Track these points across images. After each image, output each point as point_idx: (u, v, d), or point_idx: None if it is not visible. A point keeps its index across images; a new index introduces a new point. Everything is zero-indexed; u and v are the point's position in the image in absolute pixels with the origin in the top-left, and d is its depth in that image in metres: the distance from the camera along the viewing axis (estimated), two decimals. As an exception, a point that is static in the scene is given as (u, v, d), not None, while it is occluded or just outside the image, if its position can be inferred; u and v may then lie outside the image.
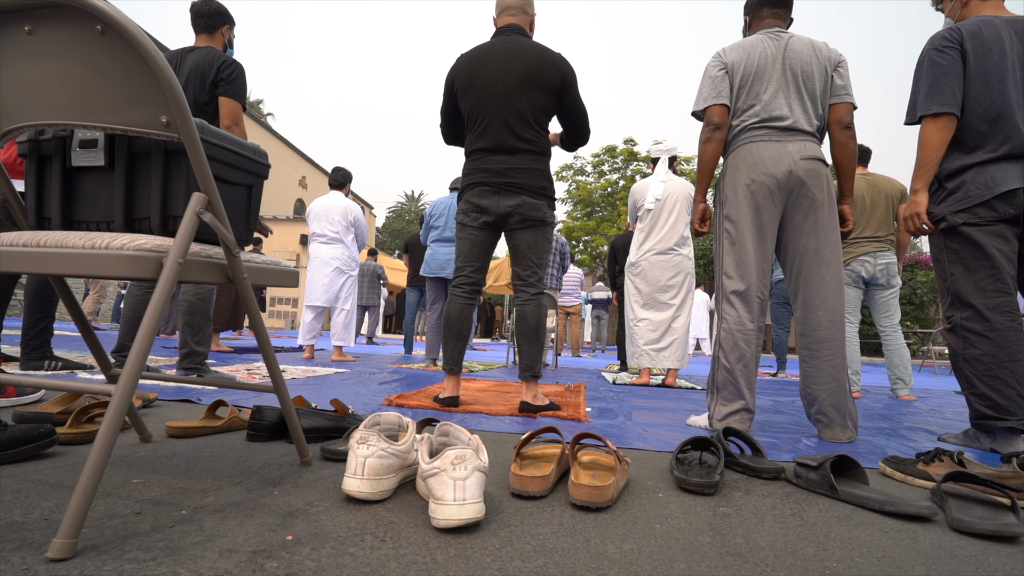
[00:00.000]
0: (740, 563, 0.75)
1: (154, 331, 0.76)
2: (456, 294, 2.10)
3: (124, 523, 0.76)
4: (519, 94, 1.97)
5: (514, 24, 2.10)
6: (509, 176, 1.98)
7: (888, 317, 3.24)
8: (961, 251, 1.71)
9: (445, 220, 3.96)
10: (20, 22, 0.77)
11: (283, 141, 20.40)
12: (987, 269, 1.67)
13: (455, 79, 2.06)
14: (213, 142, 0.95)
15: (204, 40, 2.36)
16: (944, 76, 1.68)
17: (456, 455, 0.82)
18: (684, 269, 3.35)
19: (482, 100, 2.00)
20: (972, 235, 1.68)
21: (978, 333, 1.67)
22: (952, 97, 1.67)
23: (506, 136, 1.99)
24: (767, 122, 1.80)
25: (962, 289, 1.71)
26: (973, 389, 1.68)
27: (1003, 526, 0.88)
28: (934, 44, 1.73)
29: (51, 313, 2.50)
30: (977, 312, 1.68)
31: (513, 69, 1.98)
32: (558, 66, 2.00)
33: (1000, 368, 1.63)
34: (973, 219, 1.67)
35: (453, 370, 2.08)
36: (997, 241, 1.66)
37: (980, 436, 1.70)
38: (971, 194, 1.66)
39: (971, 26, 1.69)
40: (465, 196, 2.06)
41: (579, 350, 7.92)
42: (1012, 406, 1.61)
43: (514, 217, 2.01)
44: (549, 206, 2.06)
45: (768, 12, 1.93)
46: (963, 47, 1.68)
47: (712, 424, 1.84)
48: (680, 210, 3.35)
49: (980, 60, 1.66)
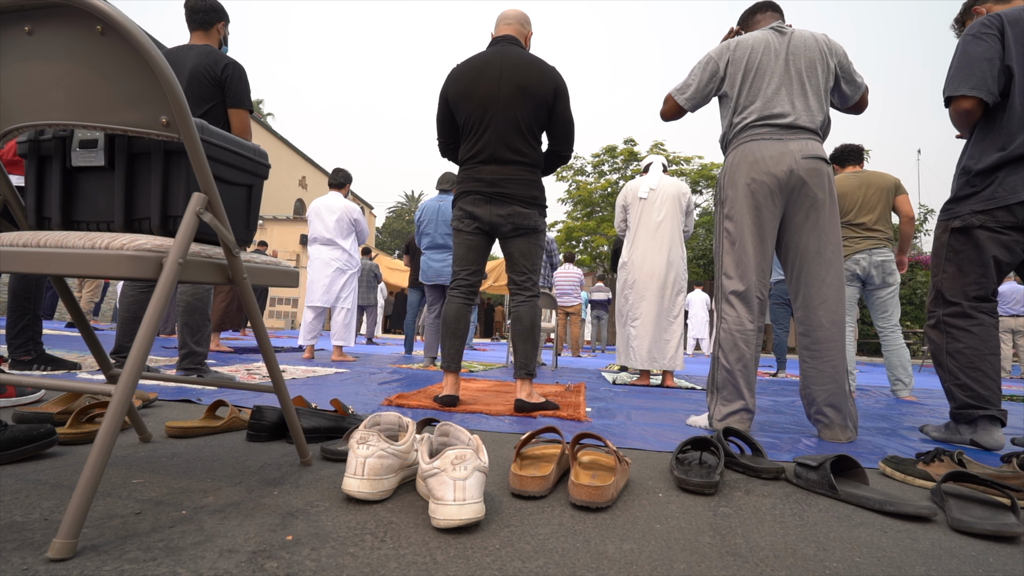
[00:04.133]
0: (740, 563, 0.75)
1: (154, 331, 0.76)
2: (453, 295, 2.13)
3: (124, 523, 0.76)
4: (514, 104, 1.99)
5: (510, 35, 2.12)
6: (501, 186, 2.01)
7: (886, 317, 3.22)
8: (961, 252, 1.73)
9: (435, 225, 3.98)
10: (20, 22, 0.77)
11: (283, 141, 20.40)
12: (977, 276, 1.70)
13: (450, 89, 2.08)
14: (213, 142, 0.95)
15: (200, 37, 2.35)
16: (976, 61, 1.66)
17: (456, 455, 0.82)
18: (675, 268, 3.34)
19: (477, 110, 2.02)
20: (980, 239, 1.68)
21: (961, 328, 1.73)
22: (981, 81, 1.65)
23: (499, 146, 2.01)
24: (768, 120, 1.80)
25: (948, 288, 1.76)
26: (956, 381, 1.73)
27: (1003, 526, 0.88)
28: (971, 30, 1.70)
29: (32, 311, 2.47)
30: (961, 309, 1.73)
31: (508, 79, 2.00)
32: (552, 78, 2.03)
33: (981, 360, 1.69)
34: (990, 222, 1.67)
35: (451, 368, 2.09)
36: (1000, 250, 1.67)
37: (961, 427, 1.76)
38: (997, 196, 1.65)
39: (1012, 13, 1.67)
40: (459, 203, 2.10)
41: (579, 350, 7.91)
42: (992, 396, 1.69)
43: (506, 226, 2.04)
44: (540, 214, 2.10)
45: (761, 18, 1.96)
46: (1003, 33, 1.66)
47: (712, 424, 1.84)
48: (670, 210, 3.36)
49: (1021, 47, 1.63)
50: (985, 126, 1.71)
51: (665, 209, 3.36)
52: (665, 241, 3.34)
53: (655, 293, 3.32)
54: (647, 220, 3.38)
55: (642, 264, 3.35)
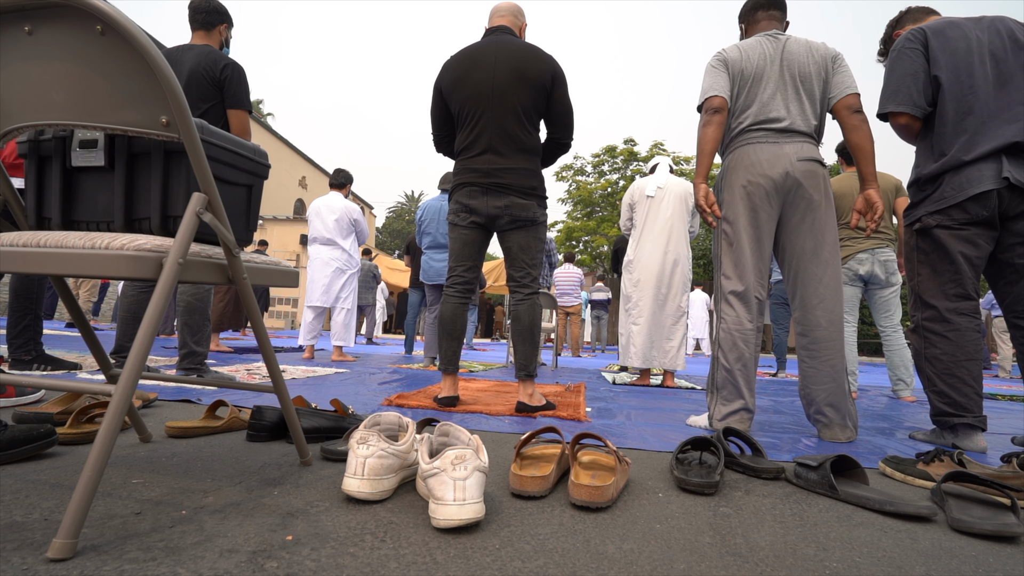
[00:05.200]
0: (740, 563, 0.75)
1: (154, 331, 0.76)
2: (449, 294, 2.09)
3: (124, 523, 0.76)
4: (510, 91, 1.95)
5: (504, 26, 2.10)
6: (498, 176, 1.97)
7: (888, 316, 3.22)
8: (930, 253, 1.75)
9: (436, 225, 3.97)
10: (20, 22, 0.77)
11: (283, 141, 20.40)
12: (951, 274, 1.71)
13: (444, 79, 2.05)
14: (213, 142, 0.95)
15: (201, 37, 2.35)
16: (901, 78, 1.73)
17: (456, 455, 0.82)
18: (681, 268, 3.33)
19: (472, 98, 1.98)
20: (942, 238, 1.70)
21: (938, 333, 1.72)
22: (907, 97, 1.72)
23: (495, 135, 1.97)
24: (764, 124, 1.81)
25: (926, 290, 1.76)
26: (933, 387, 1.73)
27: (1003, 526, 0.88)
28: (896, 47, 1.78)
29: (33, 311, 2.48)
30: (938, 313, 1.72)
31: (504, 66, 1.96)
32: (549, 64, 1.99)
33: (958, 367, 1.68)
34: (946, 221, 1.69)
35: (449, 369, 2.08)
36: (964, 246, 1.68)
37: (944, 432, 1.75)
38: (946, 195, 1.68)
39: (936, 24, 1.73)
40: (455, 196, 2.06)
41: (579, 350, 7.91)
42: (969, 403, 1.67)
43: (503, 218, 2.00)
44: (539, 205, 2.04)
45: (763, 15, 1.94)
46: (927, 46, 1.72)
47: (712, 424, 1.84)
48: (677, 209, 3.34)
49: (947, 56, 1.68)
50: (925, 136, 1.76)
51: (672, 208, 3.34)
52: (671, 240, 3.32)
53: (660, 292, 3.31)
54: (654, 219, 3.36)
55: (648, 263, 3.33)
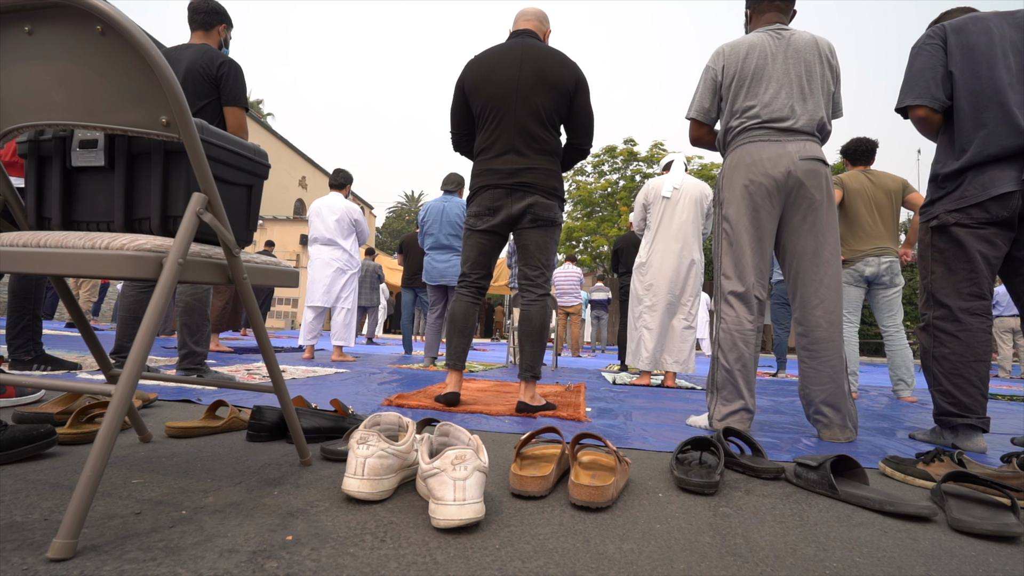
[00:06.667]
0: (740, 563, 0.75)
1: (154, 331, 0.76)
2: (462, 293, 2.11)
3: (124, 523, 0.76)
4: (534, 93, 1.96)
5: (529, 30, 2.11)
6: (521, 176, 1.97)
7: (891, 316, 3.22)
8: (946, 251, 1.73)
9: (439, 226, 3.97)
10: (20, 22, 0.77)
11: (283, 141, 20.39)
12: (966, 272, 1.70)
13: (467, 77, 2.05)
14: (213, 142, 0.95)
15: (200, 37, 2.35)
16: (919, 72, 1.74)
17: (456, 455, 0.82)
18: (695, 271, 3.28)
19: (496, 97, 1.99)
20: (960, 236, 1.69)
21: (948, 333, 1.71)
22: (925, 89, 1.72)
23: (519, 136, 1.98)
24: (767, 123, 1.80)
25: (939, 289, 1.75)
26: (939, 386, 1.73)
27: (1003, 526, 0.88)
28: (916, 43, 1.79)
29: (31, 311, 2.47)
30: (950, 312, 1.71)
31: (529, 68, 1.97)
32: (573, 70, 2.01)
33: (966, 367, 1.68)
34: (965, 219, 1.68)
35: (456, 366, 2.08)
36: (982, 245, 1.67)
37: (944, 432, 1.75)
38: (967, 194, 1.67)
39: (957, 22, 1.73)
40: (476, 199, 2.04)
41: (579, 350, 7.91)
42: (974, 404, 1.67)
43: (526, 216, 2.00)
44: (560, 207, 2.06)
45: (769, 6, 1.93)
46: (946, 41, 1.72)
47: (712, 424, 1.84)
48: (692, 210, 3.28)
49: (964, 51, 1.68)
50: (946, 131, 1.76)
51: (688, 211, 3.27)
52: (687, 243, 3.26)
53: (674, 295, 3.26)
54: (669, 220, 3.29)
55: (662, 266, 3.27)
